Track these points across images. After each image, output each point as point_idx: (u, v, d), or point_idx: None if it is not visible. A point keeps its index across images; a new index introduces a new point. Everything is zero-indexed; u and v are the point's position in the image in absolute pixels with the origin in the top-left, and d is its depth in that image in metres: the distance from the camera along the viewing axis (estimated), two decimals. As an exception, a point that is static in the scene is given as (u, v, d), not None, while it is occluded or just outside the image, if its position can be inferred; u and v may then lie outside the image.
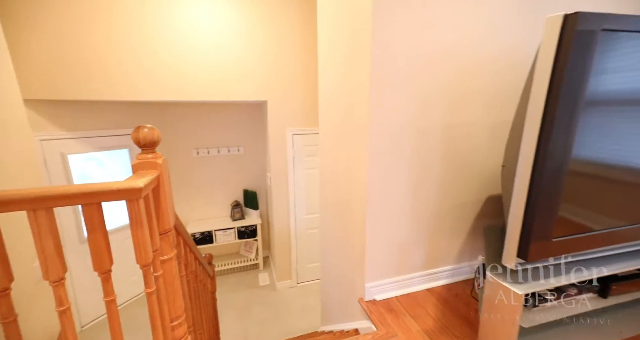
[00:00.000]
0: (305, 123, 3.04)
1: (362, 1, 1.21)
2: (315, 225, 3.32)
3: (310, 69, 2.88)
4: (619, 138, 0.96)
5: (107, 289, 0.71)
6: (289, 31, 2.77)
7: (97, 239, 0.68)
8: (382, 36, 1.19)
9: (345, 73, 1.46)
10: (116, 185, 0.65)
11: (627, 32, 0.84)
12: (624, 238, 1.07)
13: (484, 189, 1.55)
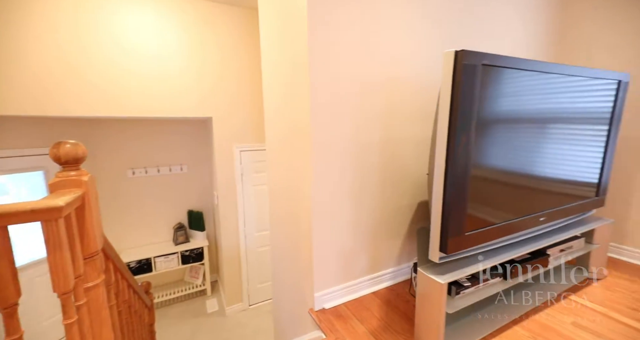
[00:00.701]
0: (253, 139, 3.05)
1: (300, 32, 1.33)
2: (266, 243, 3.26)
3: (257, 85, 2.95)
4: (503, 148, 1.21)
5: (11, 326, 0.63)
6: (233, 46, 2.82)
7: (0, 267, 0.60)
8: (320, 61, 1.31)
9: (288, 92, 1.55)
10: (31, 205, 0.60)
11: (499, 67, 1.09)
12: (517, 228, 1.31)
13: (416, 195, 1.75)
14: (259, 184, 3.15)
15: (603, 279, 1.75)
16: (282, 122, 1.65)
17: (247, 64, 2.89)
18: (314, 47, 1.29)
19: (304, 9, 1.26)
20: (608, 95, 1.47)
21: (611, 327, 1.35)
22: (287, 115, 1.58)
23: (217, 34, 2.71)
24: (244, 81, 2.90)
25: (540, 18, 2.05)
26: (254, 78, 2.92)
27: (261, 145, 3.08)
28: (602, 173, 1.58)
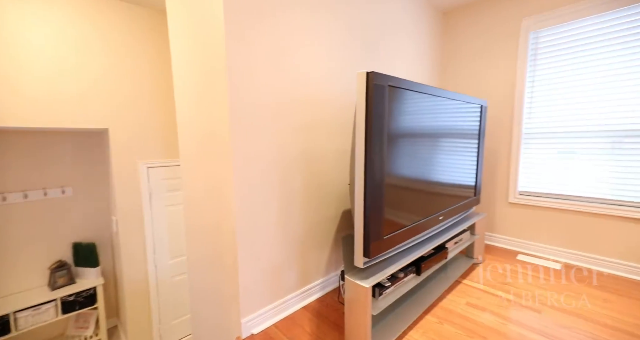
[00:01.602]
0: (165, 154, 2.70)
1: (217, 47, 1.27)
2: (183, 270, 2.87)
3: (167, 94, 2.65)
4: (408, 159, 1.40)
5: None
6: (139, 48, 2.48)
7: None
8: (239, 76, 1.27)
9: (204, 103, 1.44)
10: None
11: (402, 89, 1.26)
12: (423, 228, 1.52)
13: (340, 205, 1.84)
14: (174, 204, 2.78)
15: (483, 262, 2.17)
16: (198, 135, 1.52)
17: (158, 71, 2.58)
18: (232, 62, 1.25)
19: (221, 23, 1.22)
20: (476, 116, 1.89)
21: (491, 301, 1.67)
22: (204, 128, 1.46)
23: (120, 35, 2.35)
24: (152, 90, 2.56)
25: (431, 53, 2.52)
26: (165, 87, 2.62)
27: (175, 161, 2.75)
28: (477, 177, 2.00)
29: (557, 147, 2.15)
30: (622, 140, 1.88)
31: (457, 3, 2.46)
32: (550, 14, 2.06)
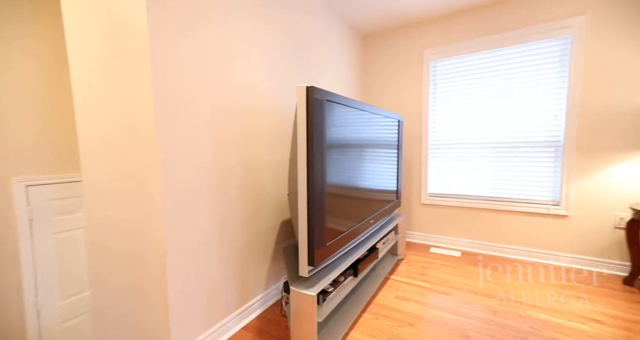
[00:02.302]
0: (51, 168, 2.16)
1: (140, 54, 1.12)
2: (80, 311, 2.31)
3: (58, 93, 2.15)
4: (343, 168, 1.50)
5: None
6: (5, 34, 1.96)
7: None
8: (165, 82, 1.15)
9: (119, 105, 1.24)
10: None
11: (337, 103, 1.36)
12: (358, 232, 1.64)
13: (278, 215, 1.82)
14: (68, 230, 2.23)
15: (405, 258, 2.46)
16: (109, 143, 1.29)
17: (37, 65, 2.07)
18: (158, 67, 1.12)
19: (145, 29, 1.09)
20: (395, 129, 2.17)
21: (414, 291, 1.91)
22: (118, 135, 1.25)
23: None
24: (33, 86, 2.04)
25: (355, 70, 2.78)
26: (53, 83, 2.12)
27: (68, 176, 2.23)
28: (398, 182, 2.27)
29: (455, 155, 2.64)
30: (499, 150, 2.45)
31: (373, 30, 2.80)
32: (441, 48, 2.55)
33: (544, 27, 2.14)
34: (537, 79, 2.23)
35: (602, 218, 2.07)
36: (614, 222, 2.04)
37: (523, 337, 1.43)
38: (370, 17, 2.50)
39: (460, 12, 2.44)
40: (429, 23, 2.59)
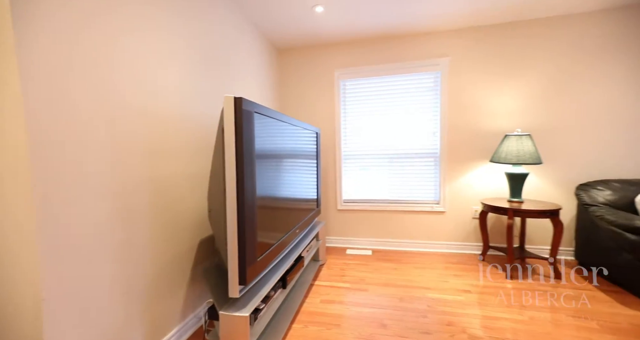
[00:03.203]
0: None
1: None
2: None
3: None
4: (272, 179, 1.50)
5: None
6: None
7: None
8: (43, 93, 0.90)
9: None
10: None
11: (264, 115, 1.36)
12: (286, 243, 1.65)
13: (196, 234, 1.63)
14: None
15: (325, 262, 2.60)
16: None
17: None
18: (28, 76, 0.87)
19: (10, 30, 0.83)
20: (314, 141, 2.30)
21: (336, 293, 2.04)
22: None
23: None
24: None
25: (273, 82, 2.79)
26: None
27: None
28: (318, 191, 2.40)
29: (362, 165, 2.98)
30: (394, 160, 2.90)
31: (289, 45, 2.91)
32: (348, 70, 2.88)
33: (423, 63, 2.71)
34: (420, 103, 2.79)
35: (465, 211, 2.73)
36: (472, 214, 2.71)
37: (423, 315, 1.73)
38: (286, 34, 2.60)
39: (362, 40, 2.82)
40: (338, 45, 2.88)
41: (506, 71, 2.54)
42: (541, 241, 2.57)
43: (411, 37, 2.71)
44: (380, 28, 2.55)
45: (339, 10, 2.21)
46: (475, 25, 2.55)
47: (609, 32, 2.32)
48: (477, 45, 2.58)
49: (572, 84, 2.42)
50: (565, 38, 2.41)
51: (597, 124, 2.39)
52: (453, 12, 2.29)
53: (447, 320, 1.68)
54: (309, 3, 2.10)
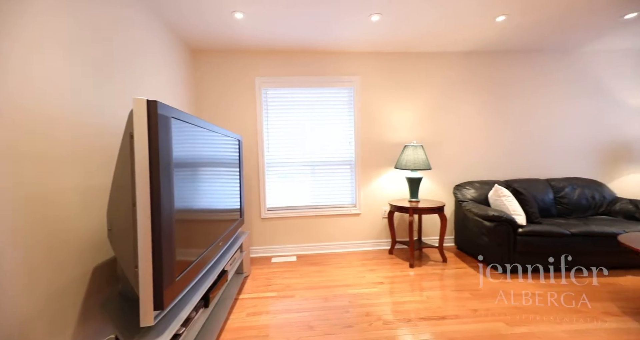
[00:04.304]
0: None
1: None
2: None
3: None
4: (192, 191, 1.38)
5: None
6: None
7: None
8: None
9: None
10: None
11: (182, 121, 1.26)
12: (209, 258, 1.53)
13: (89, 260, 1.35)
14: None
15: (250, 274, 2.51)
16: None
17: None
18: None
19: None
20: (236, 148, 2.23)
21: (263, 304, 2.00)
22: None
23: None
24: None
25: (187, 84, 2.56)
26: None
27: None
28: (241, 200, 2.32)
29: (285, 172, 3.03)
30: (315, 167, 3.06)
31: (206, 47, 2.75)
32: (270, 79, 2.92)
33: (339, 78, 2.98)
34: (338, 115, 3.04)
35: (376, 212, 3.09)
36: (382, 214, 3.10)
37: (346, 311, 1.88)
38: (204, 37, 2.46)
39: (285, 51, 2.91)
40: (260, 53, 2.89)
41: (405, 92, 3.04)
42: (433, 233, 3.13)
43: (329, 54, 2.95)
44: (301, 42, 2.69)
45: (259, 20, 2.24)
46: (380, 50, 2.97)
47: (468, 69, 3.08)
48: (382, 68, 3.01)
49: (448, 106, 3.08)
50: (442, 70, 3.06)
51: (465, 139, 3.11)
52: (361, 37, 2.61)
53: (365, 312, 1.86)
54: (228, 8, 2.05)
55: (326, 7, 2.06)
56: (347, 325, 1.72)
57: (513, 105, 3.11)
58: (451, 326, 1.68)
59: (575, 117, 3.15)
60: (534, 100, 3.11)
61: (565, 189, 2.89)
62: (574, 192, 2.87)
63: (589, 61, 3.12)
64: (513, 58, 3.07)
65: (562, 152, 3.16)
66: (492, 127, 3.11)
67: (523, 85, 3.10)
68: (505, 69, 3.08)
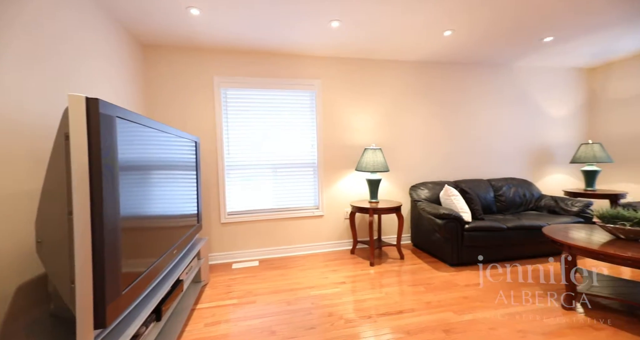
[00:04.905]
0: None
1: None
2: None
3: None
4: (141, 196, 1.28)
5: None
6: None
7: None
8: None
9: None
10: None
11: (129, 121, 1.16)
12: (161, 268, 1.43)
13: (10, 279, 1.17)
14: None
15: (208, 282, 2.39)
16: None
17: None
18: None
19: None
20: (193, 151, 2.11)
21: (222, 312, 1.92)
22: None
23: None
24: None
25: (136, 81, 2.36)
26: None
27: None
28: (198, 205, 2.20)
29: (247, 175, 2.95)
30: (278, 170, 3.03)
31: (157, 42, 2.58)
32: (230, 78, 2.83)
33: (301, 81, 3.00)
34: (301, 117, 3.06)
35: (339, 213, 3.16)
36: (344, 215, 3.17)
37: (309, 313, 1.88)
38: (156, 30, 2.30)
39: (246, 51, 2.84)
40: (219, 52, 2.79)
41: (364, 96, 3.17)
42: (392, 231, 3.29)
43: (291, 56, 2.96)
44: (262, 43, 2.66)
45: (216, 17, 2.16)
46: (341, 55, 3.06)
47: (421, 77, 3.31)
48: (343, 72, 3.10)
49: (403, 112, 3.28)
50: (398, 77, 3.25)
51: (419, 142, 3.33)
52: (323, 42, 2.66)
53: (328, 312, 1.89)
54: (182, 4, 1.95)
55: (285, 9, 2.06)
56: (309, 327, 1.72)
57: (459, 112, 3.41)
58: (407, 319, 1.78)
59: (509, 124, 3.56)
60: (477, 108, 3.46)
61: (503, 188, 3.25)
62: (510, 191, 3.24)
63: (518, 75, 3.56)
64: (458, 69, 3.38)
65: (500, 154, 3.55)
66: (442, 131, 3.38)
67: (467, 94, 3.42)
68: (453, 79, 3.37)
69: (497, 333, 1.62)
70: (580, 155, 3.34)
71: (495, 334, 1.62)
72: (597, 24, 2.41)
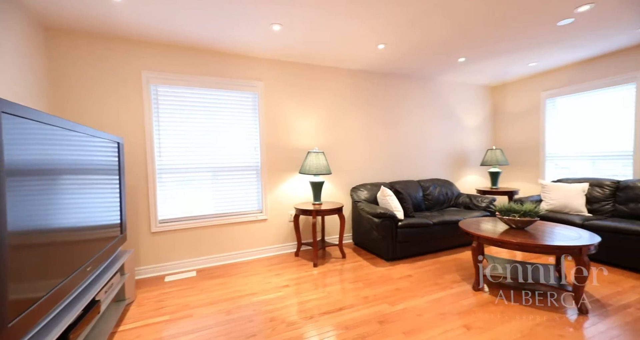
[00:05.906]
0: None
1: None
2: None
3: None
4: (41, 204, 1.09)
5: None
6: None
7: None
8: None
9: None
10: None
11: (22, 117, 0.98)
12: (69, 289, 1.23)
13: None
14: None
15: (135, 300, 2.14)
16: None
17: None
18: None
19: None
20: (114, 153, 1.87)
21: (150, 331, 1.74)
22: None
23: None
24: None
25: (32, 70, 1.98)
26: None
27: None
28: (122, 214, 1.96)
29: (183, 179, 2.73)
30: (218, 174, 2.87)
31: (63, 25, 2.22)
32: (161, 75, 2.60)
33: (243, 82, 2.91)
34: (242, 119, 2.96)
35: (283, 216, 3.15)
36: (288, 218, 3.17)
37: (250, 320, 1.83)
38: (63, 9, 1.98)
39: (182, 47, 2.64)
40: (147, 45, 2.53)
41: (307, 100, 3.23)
42: (335, 232, 3.41)
43: (233, 56, 2.85)
44: (199, 39, 2.50)
45: (143, 7, 1.97)
46: (284, 59, 3.07)
47: (358, 85, 3.53)
48: (285, 75, 3.11)
49: (342, 116, 3.44)
50: (337, 83, 3.40)
51: (358, 146, 3.53)
52: (265, 44, 2.64)
53: (270, 317, 1.86)
54: (104, -14, 1.73)
55: (227, 7, 1.99)
56: (250, 335, 1.67)
57: (395, 118, 3.73)
58: (347, 315, 1.86)
59: (436, 130, 4.04)
60: (410, 115, 3.83)
61: (430, 187, 3.65)
62: (436, 190, 3.65)
63: (442, 88, 4.07)
64: (393, 80, 3.70)
65: (428, 157, 3.99)
66: (380, 136, 3.65)
67: (402, 103, 3.77)
68: (388, 88, 3.68)
69: (423, 318, 1.81)
70: (487, 159, 3.97)
71: (421, 319, 1.80)
72: (496, 50, 2.91)
